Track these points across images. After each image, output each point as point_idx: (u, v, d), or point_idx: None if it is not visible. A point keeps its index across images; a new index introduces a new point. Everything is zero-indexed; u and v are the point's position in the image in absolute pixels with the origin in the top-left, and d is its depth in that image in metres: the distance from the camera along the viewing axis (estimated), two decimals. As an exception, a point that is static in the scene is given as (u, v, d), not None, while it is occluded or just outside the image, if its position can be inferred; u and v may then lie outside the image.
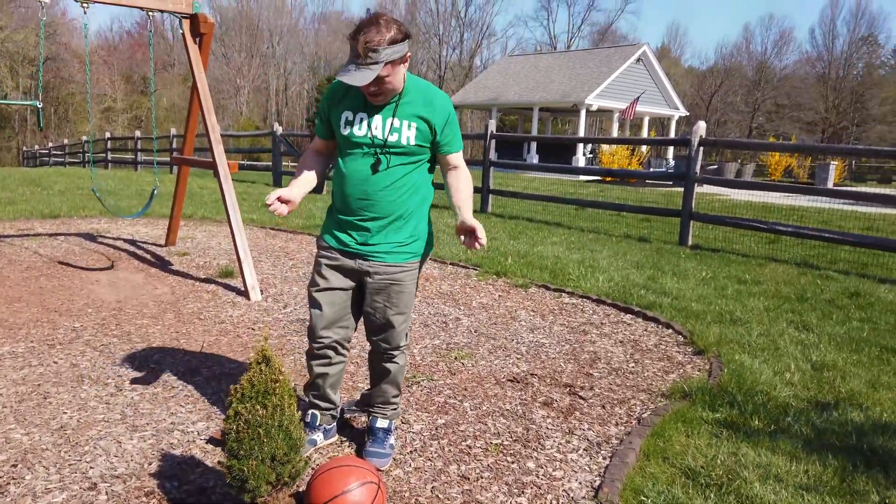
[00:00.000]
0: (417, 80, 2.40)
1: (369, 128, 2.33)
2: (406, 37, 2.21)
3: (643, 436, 2.74)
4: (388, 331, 2.48)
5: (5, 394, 2.97)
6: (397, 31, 2.18)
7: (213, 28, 5.29)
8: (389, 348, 2.51)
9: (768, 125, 52.33)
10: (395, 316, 2.45)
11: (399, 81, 2.29)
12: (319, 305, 2.46)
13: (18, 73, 40.20)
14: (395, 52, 2.17)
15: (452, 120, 2.40)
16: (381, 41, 2.14)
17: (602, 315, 4.67)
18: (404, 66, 2.27)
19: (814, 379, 3.48)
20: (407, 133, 2.34)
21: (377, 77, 2.18)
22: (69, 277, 5.23)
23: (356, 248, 2.41)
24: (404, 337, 2.52)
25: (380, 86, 2.23)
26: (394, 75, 2.23)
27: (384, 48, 2.14)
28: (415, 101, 2.35)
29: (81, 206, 9.09)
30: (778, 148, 9.16)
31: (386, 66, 2.17)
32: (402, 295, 2.45)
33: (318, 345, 2.50)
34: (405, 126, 2.34)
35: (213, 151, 5.17)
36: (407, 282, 2.45)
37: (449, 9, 58.73)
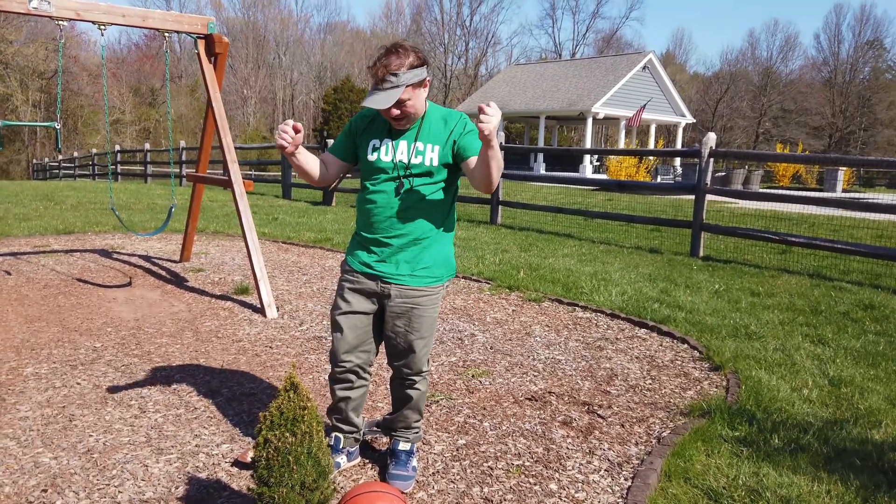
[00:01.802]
0: (438, 107, 2.48)
1: (395, 152, 2.41)
2: (424, 62, 2.31)
3: (664, 455, 2.75)
4: (409, 356, 2.51)
5: (31, 416, 3.01)
6: (415, 57, 2.29)
7: (227, 48, 5.35)
8: (411, 373, 2.54)
9: (775, 130, 52.24)
10: (417, 340, 2.48)
11: (420, 105, 2.37)
12: (341, 329, 2.50)
13: (28, 86, 40.55)
14: (415, 75, 2.27)
15: (470, 128, 2.43)
16: (401, 65, 2.25)
17: (617, 330, 4.68)
18: (424, 90, 2.36)
19: (832, 395, 3.48)
20: (430, 155, 2.40)
21: (399, 101, 2.27)
22: (87, 295, 5.29)
23: (378, 271, 2.44)
24: (426, 362, 2.55)
25: (402, 109, 2.32)
26: (414, 99, 2.32)
27: (403, 72, 2.24)
28: (436, 124, 2.43)
29: (95, 221, 9.17)
30: (790, 159, 9.17)
31: (406, 89, 2.26)
32: (423, 319, 2.48)
33: (340, 369, 2.53)
34: (428, 149, 2.40)
35: (229, 170, 5.22)
36: (428, 306, 2.48)
37: (454, 18, 59.00)
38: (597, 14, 69.34)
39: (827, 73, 54.86)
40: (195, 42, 5.39)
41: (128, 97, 46.59)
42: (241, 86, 53.83)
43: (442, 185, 2.46)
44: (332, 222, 9.84)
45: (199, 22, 5.32)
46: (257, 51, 56.29)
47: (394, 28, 64.27)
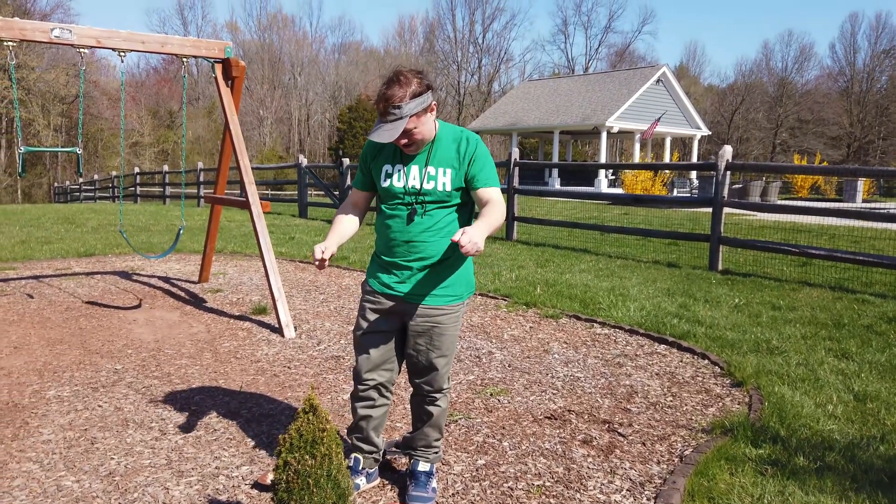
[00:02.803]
0: (449, 126, 2.47)
1: (407, 178, 2.41)
2: (428, 88, 2.29)
3: (687, 475, 2.72)
4: (430, 373, 2.51)
5: (54, 440, 3.04)
6: (418, 84, 2.26)
7: (244, 71, 5.43)
8: (432, 391, 2.54)
9: (792, 141, 51.87)
10: (438, 359, 2.49)
11: (428, 130, 2.36)
12: (364, 348, 2.53)
13: (49, 111, 41.36)
14: (418, 104, 2.26)
15: (480, 154, 2.41)
16: (403, 96, 2.23)
17: (636, 346, 4.64)
18: (431, 114, 2.35)
19: (857, 411, 3.42)
20: (443, 179, 2.40)
21: (404, 130, 2.27)
22: (108, 317, 5.35)
23: (399, 291, 2.46)
24: (446, 380, 2.56)
25: (410, 137, 2.32)
26: (421, 125, 2.31)
27: (406, 103, 2.23)
28: (447, 147, 2.42)
29: (115, 243, 9.29)
30: (807, 171, 9.08)
31: (411, 118, 2.26)
32: (444, 337, 2.49)
33: (363, 387, 2.56)
34: (440, 173, 2.40)
35: (247, 191, 5.28)
36: (448, 324, 2.49)
37: (466, 36, 59.45)
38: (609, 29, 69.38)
39: (843, 82, 54.49)
40: (212, 66, 5.47)
41: (146, 120, 47.36)
42: (257, 106, 54.54)
43: (457, 208, 2.47)
44: (348, 241, 9.89)
45: (216, 47, 5.41)
46: (273, 72, 57.06)
47: (407, 47, 64.87)
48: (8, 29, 4.65)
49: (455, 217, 2.47)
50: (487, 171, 2.43)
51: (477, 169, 2.41)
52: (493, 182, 2.44)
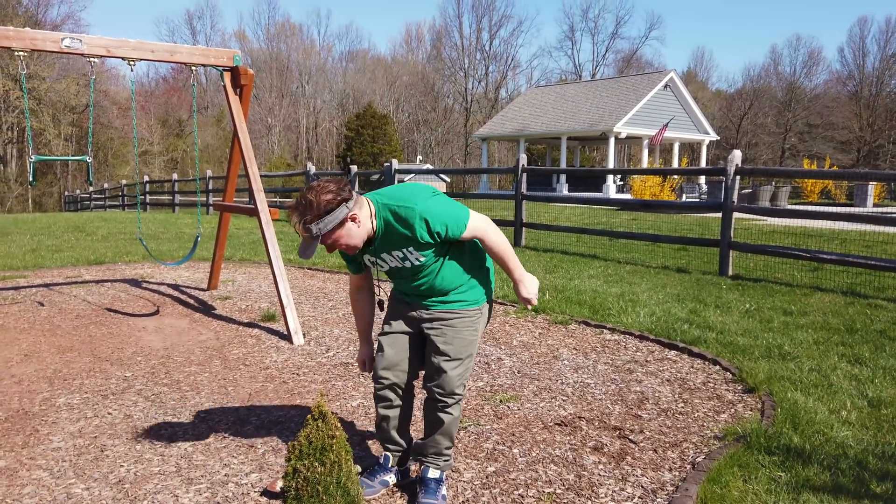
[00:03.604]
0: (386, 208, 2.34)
1: (386, 263, 2.49)
2: (342, 202, 2.21)
3: (699, 482, 2.68)
4: (440, 375, 2.50)
5: (64, 447, 3.04)
6: (327, 203, 2.19)
7: (252, 79, 5.46)
8: (442, 394, 2.51)
9: (801, 145, 51.63)
10: (448, 361, 2.49)
11: (360, 233, 2.31)
12: (382, 347, 2.60)
13: (60, 121, 41.72)
14: (329, 222, 2.21)
15: (438, 217, 2.31)
16: (312, 219, 2.20)
17: (646, 352, 4.61)
18: (353, 223, 2.28)
19: (871, 417, 3.38)
20: (412, 256, 2.41)
21: (328, 244, 2.28)
22: (117, 324, 5.36)
23: (415, 300, 2.58)
24: (457, 385, 2.52)
25: (337, 247, 2.31)
26: (345, 236, 2.28)
27: (315, 224, 2.20)
28: (396, 234, 2.36)
29: (125, 251, 9.34)
30: (817, 175, 9.02)
31: (325, 235, 2.24)
32: (456, 340, 2.50)
33: (378, 385, 2.59)
34: (407, 253, 2.40)
35: (256, 199, 5.29)
36: (460, 327, 2.51)
37: (473, 43, 59.59)
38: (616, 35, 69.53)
39: (853, 86, 54.23)
40: (221, 74, 5.50)
41: (156, 129, 47.72)
42: (265, 115, 54.84)
43: (451, 254, 2.47)
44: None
45: (224, 55, 5.44)
46: (281, 80, 57.38)
47: (414, 55, 65.09)
48: (19, 39, 4.69)
49: (449, 263, 2.47)
50: (455, 221, 2.34)
51: (450, 231, 2.34)
52: (463, 221, 2.36)
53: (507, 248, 2.46)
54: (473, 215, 2.40)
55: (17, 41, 4.67)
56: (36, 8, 43.60)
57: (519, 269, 2.49)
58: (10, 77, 37.50)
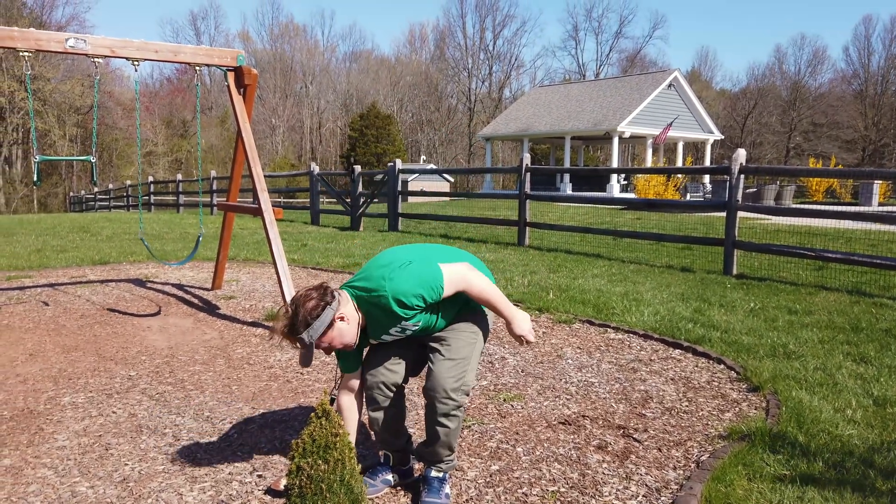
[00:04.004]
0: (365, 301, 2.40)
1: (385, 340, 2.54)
2: (325, 306, 2.27)
3: (703, 480, 2.68)
4: (435, 374, 2.47)
5: (69, 446, 3.05)
6: (311, 310, 2.25)
7: (256, 79, 5.46)
8: (436, 397, 2.42)
9: (806, 144, 51.48)
10: (444, 361, 2.46)
11: (351, 329, 2.37)
12: (373, 348, 2.61)
13: (65, 122, 41.88)
14: (318, 327, 2.27)
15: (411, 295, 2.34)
16: (300, 329, 2.26)
17: (650, 351, 4.60)
18: (342, 322, 2.33)
19: (877, 416, 3.36)
20: (409, 326, 2.45)
21: (323, 348, 2.33)
22: (122, 324, 5.38)
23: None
24: (453, 386, 2.42)
25: (332, 349, 2.36)
26: (337, 336, 2.34)
27: (305, 332, 2.26)
28: (382, 319, 2.42)
29: (130, 251, 9.36)
30: (822, 174, 9.00)
31: (320, 339, 2.30)
32: (454, 339, 2.50)
33: (366, 382, 2.58)
34: (403, 326, 2.45)
35: (259, 199, 5.30)
36: (460, 328, 2.51)
37: (477, 43, 59.57)
38: (620, 34, 69.33)
39: (858, 85, 54.05)
40: (225, 74, 5.51)
41: (160, 129, 47.85)
42: (269, 115, 54.92)
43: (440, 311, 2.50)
44: (360, 247, 9.91)
45: (228, 55, 5.45)
46: (285, 81, 57.46)
47: (418, 55, 65.10)
48: (24, 39, 4.71)
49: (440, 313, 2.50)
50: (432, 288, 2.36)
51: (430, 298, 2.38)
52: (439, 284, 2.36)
53: (491, 291, 2.45)
54: (448, 272, 2.38)
55: (21, 42, 4.69)
56: (41, 9, 43.80)
57: (509, 308, 2.50)
58: (15, 78, 37.68)
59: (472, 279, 2.41)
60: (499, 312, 2.50)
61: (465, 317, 2.58)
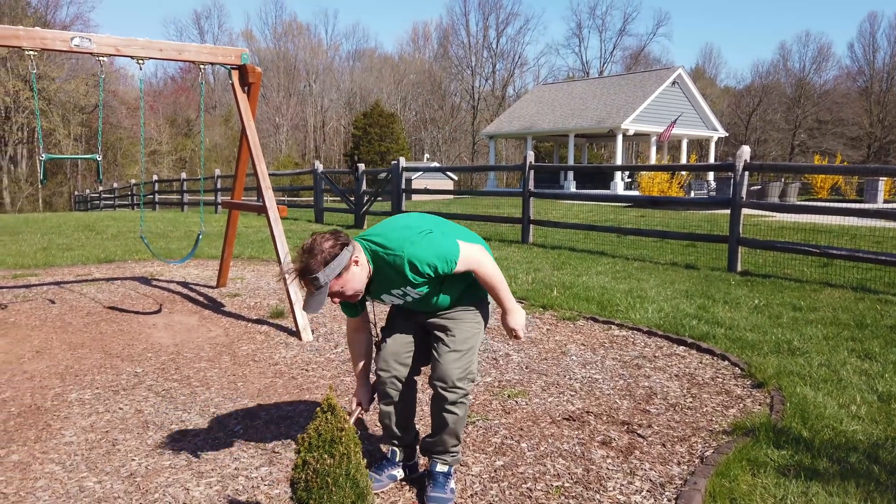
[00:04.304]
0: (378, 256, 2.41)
1: (385, 301, 2.56)
2: (342, 247, 2.29)
3: (708, 476, 2.68)
4: (442, 366, 2.50)
5: (76, 441, 3.07)
6: (329, 249, 2.27)
7: (260, 77, 5.48)
8: (444, 387, 2.47)
9: (811, 142, 51.30)
10: (450, 352, 2.49)
11: (362, 276, 2.38)
12: (385, 341, 2.64)
13: (70, 121, 41.98)
14: (334, 268, 2.27)
15: (427, 261, 2.36)
16: (315, 270, 2.25)
17: (654, 347, 4.61)
18: (356, 266, 2.35)
19: (881, 412, 3.37)
20: (412, 292, 2.46)
21: (333, 293, 2.32)
22: (128, 322, 5.40)
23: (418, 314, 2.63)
24: (459, 376, 2.47)
25: (341, 297, 2.36)
26: (349, 281, 2.33)
27: (321, 272, 2.25)
28: (389, 276, 2.43)
29: (135, 249, 9.40)
30: (826, 170, 8.97)
31: (333, 282, 2.29)
32: (459, 330, 2.53)
33: (378, 377, 2.61)
34: (405, 290, 2.46)
35: (264, 197, 5.31)
36: (464, 318, 2.55)
37: (480, 41, 59.52)
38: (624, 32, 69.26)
39: (863, 82, 53.82)
40: (229, 73, 5.53)
41: (164, 128, 47.92)
42: (273, 114, 54.97)
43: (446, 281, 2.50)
44: (364, 245, 9.92)
45: (232, 53, 5.47)
46: (288, 79, 57.50)
47: (421, 53, 65.07)
48: (30, 38, 4.73)
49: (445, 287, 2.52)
50: (446, 259, 2.38)
51: (441, 269, 2.38)
52: (453, 258, 2.39)
53: (499, 278, 2.49)
54: (465, 249, 2.41)
55: (27, 41, 4.71)
56: (45, 9, 43.88)
57: (510, 300, 2.54)
58: (20, 78, 37.77)
59: (484, 262, 2.45)
60: (500, 300, 2.53)
61: (467, 300, 2.58)
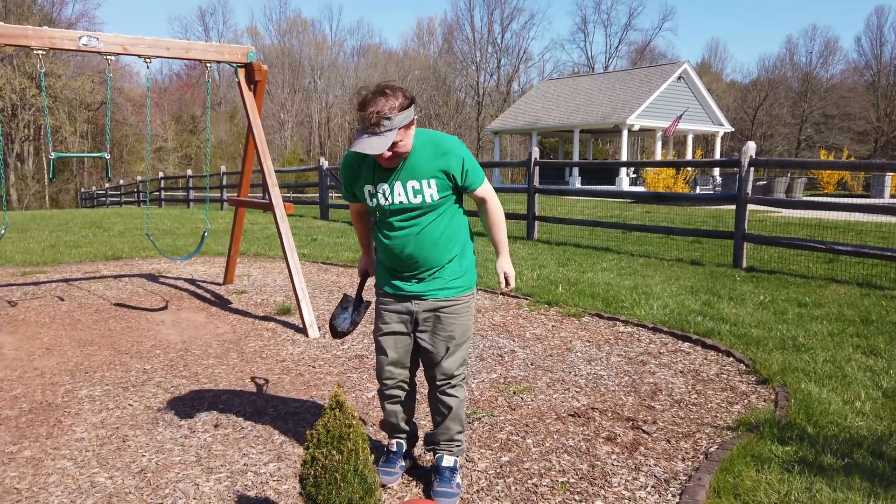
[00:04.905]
0: (424, 134, 2.44)
1: (392, 195, 2.43)
2: (412, 101, 2.31)
3: (712, 472, 2.70)
4: (443, 362, 2.56)
5: (87, 437, 3.11)
6: (403, 97, 2.28)
7: (266, 75, 5.50)
8: (445, 379, 2.58)
9: (817, 136, 51.03)
10: (450, 346, 2.55)
11: (410, 144, 2.37)
12: (383, 349, 2.62)
13: (76, 118, 42.11)
14: (406, 117, 2.27)
15: (468, 160, 2.45)
16: (393, 108, 2.23)
17: (659, 344, 4.62)
18: (413, 128, 2.36)
19: (886, 407, 3.38)
20: (429, 191, 2.42)
21: (398, 142, 2.29)
22: (136, 319, 5.45)
23: (409, 291, 2.55)
24: (458, 367, 2.58)
25: (394, 150, 2.32)
26: (405, 139, 2.33)
27: (395, 115, 2.24)
28: (427, 157, 2.40)
29: (142, 246, 9.45)
30: (833, 166, 8.95)
31: (398, 131, 2.27)
32: (455, 326, 2.55)
33: (384, 385, 2.66)
34: (425, 185, 2.41)
35: (270, 194, 5.34)
36: (459, 313, 2.57)
37: (485, 36, 59.37)
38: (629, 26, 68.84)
39: (870, 76, 53.47)
40: (235, 71, 5.55)
41: (170, 125, 48.03)
42: (278, 110, 54.99)
43: (452, 209, 2.51)
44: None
45: (238, 52, 5.49)
46: (293, 76, 57.49)
47: (426, 49, 64.95)
48: (38, 38, 4.76)
49: (452, 223, 2.51)
50: (477, 173, 2.49)
51: (471, 177, 2.46)
52: (483, 178, 2.54)
53: (503, 219, 2.62)
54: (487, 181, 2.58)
55: (35, 40, 4.75)
56: (51, 6, 43.98)
57: (507, 244, 2.65)
58: (27, 75, 37.90)
59: (496, 197, 2.59)
60: (499, 240, 2.61)
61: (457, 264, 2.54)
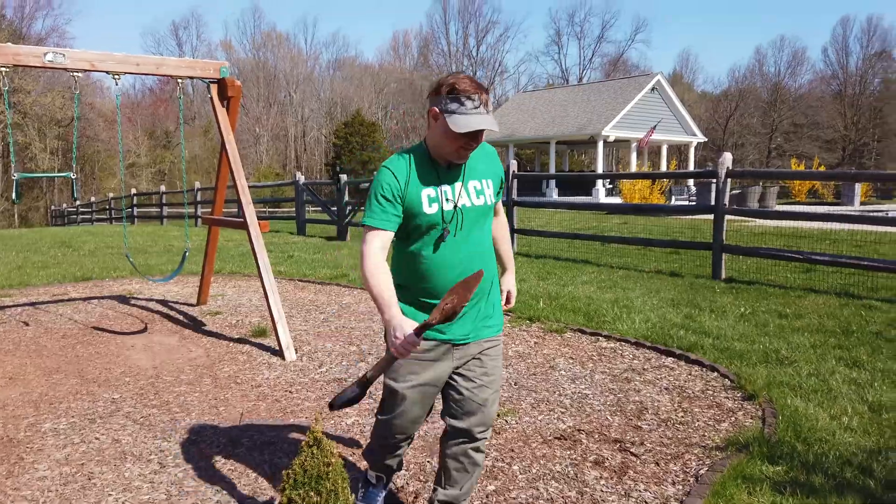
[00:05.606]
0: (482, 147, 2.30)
1: (455, 197, 2.16)
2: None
3: (703, 496, 2.63)
4: (482, 411, 2.27)
5: (50, 476, 2.95)
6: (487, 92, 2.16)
7: (240, 91, 5.38)
8: (483, 431, 2.29)
9: (787, 145, 52.01)
10: (492, 394, 2.29)
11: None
12: (409, 402, 2.25)
13: (46, 134, 41.37)
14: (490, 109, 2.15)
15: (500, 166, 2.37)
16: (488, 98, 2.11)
17: (643, 359, 4.57)
18: None
19: (873, 422, 3.34)
20: (488, 192, 2.26)
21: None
22: (105, 343, 5.26)
23: (449, 336, 2.20)
24: (496, 413, 2.37)
25: (480, 140, 2.13)
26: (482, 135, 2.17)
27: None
28: (479, 157, 2.25)
29: (113, 266, 9.21)
30: (807, 176, 9.04)
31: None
32: (496, 370, 2.32)
33: (396, 440, 2.39)
34: (485, 185, 2.25)
35: (245, 212, 5.21)
36: (497, 355, 2.33)
37: (461, 49, 59.72)
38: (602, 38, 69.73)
39: (836, 86, 54.74)
40: (208, 87, 5.43)
41: (143, 141, 47.41)
42: (252, 124, 54.61)
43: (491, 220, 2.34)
44: (347, 257, 9.82)
45: (211, 67, 5.37)
46: (268, 90, 57.19)
47: (402, 61, 65.14)
48: (2, 54, 4.60)
49: (490, 233, 2.33)
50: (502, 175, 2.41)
51: (498, 188, 2.33)
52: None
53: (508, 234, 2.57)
54: None
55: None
56: (20, 21, 43.33)
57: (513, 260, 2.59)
58: (-6, 92, 37.19)
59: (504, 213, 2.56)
60: (506, 253, 2.54)
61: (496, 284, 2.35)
